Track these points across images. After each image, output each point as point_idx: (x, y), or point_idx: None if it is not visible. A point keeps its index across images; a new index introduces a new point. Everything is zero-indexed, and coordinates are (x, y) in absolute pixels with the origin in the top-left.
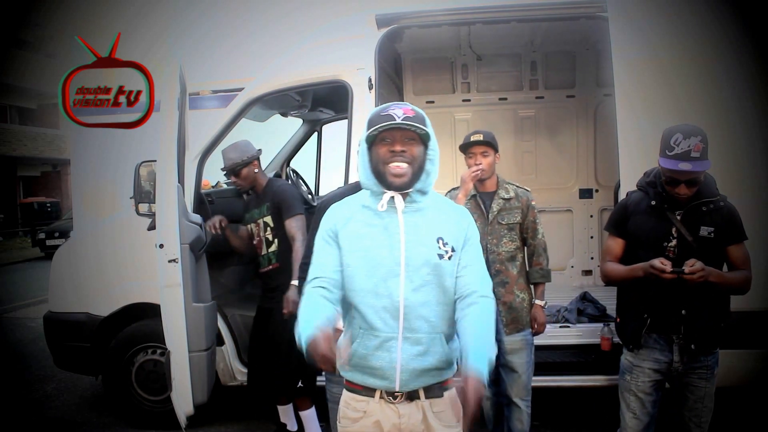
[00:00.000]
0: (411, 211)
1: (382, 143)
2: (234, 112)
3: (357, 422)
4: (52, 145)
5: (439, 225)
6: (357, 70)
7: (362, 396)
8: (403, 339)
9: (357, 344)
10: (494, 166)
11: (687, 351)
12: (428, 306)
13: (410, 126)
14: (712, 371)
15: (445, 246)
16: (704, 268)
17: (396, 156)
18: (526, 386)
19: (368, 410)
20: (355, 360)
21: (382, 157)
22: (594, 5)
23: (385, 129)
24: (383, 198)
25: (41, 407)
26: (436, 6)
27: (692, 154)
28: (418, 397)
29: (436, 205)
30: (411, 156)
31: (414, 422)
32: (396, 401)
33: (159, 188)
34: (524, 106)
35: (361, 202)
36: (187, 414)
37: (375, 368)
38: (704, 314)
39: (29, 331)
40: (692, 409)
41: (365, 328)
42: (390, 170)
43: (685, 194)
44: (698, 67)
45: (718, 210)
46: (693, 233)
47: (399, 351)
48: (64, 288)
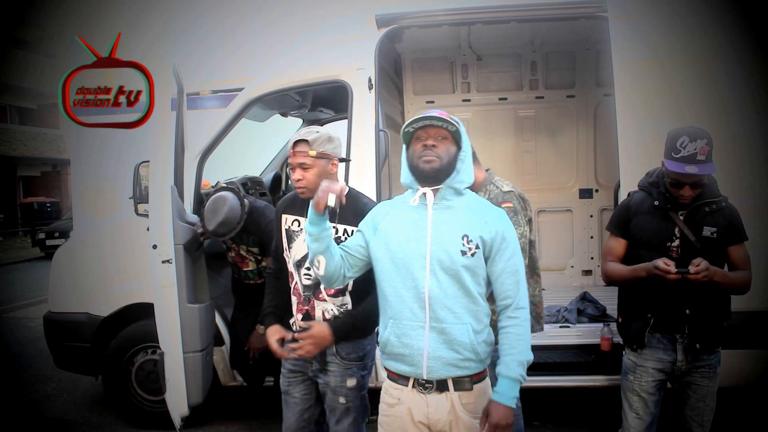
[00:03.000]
0: (441, 207)
1: (417, 141)
2: (234, 112)
3: (393, 407)
4: (52, 145)
5: (468, 223)
6: (357, 70)
7: (398, 384)
8: (429, 328)
9: (389, 332)
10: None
11: (691, 350)
12: (452, 298)
13: (440, 122)
14: (715, 370)
15: (469, 243)
16: (709, 267)
17: (427, 149)
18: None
19: (402, 398)
20: (388, 348)
21: (416, 152)
22: (594, 5)
23: (420, 127)
24: (416, 193)
25: (41, 407)
26: (436, 6)
27: (698, 156)
28: (448, 388)
29: (470, 206)
30: (442, 150)
31: (442, 412)
32: (427, 391)
33: (152, 189)
34: (524, 106)
35: (402, 200)
36: (181, 415)
37: (405, 355)
38: (708, 313)
39: (29, 331)
40: (694, 408)
41: (395, 318)
42: (422, 160)
43: (690, 196)
44: (698, 67)
45: (721, 210)
46: (696, 233)
47: (426, 339)
48: (64, 288)
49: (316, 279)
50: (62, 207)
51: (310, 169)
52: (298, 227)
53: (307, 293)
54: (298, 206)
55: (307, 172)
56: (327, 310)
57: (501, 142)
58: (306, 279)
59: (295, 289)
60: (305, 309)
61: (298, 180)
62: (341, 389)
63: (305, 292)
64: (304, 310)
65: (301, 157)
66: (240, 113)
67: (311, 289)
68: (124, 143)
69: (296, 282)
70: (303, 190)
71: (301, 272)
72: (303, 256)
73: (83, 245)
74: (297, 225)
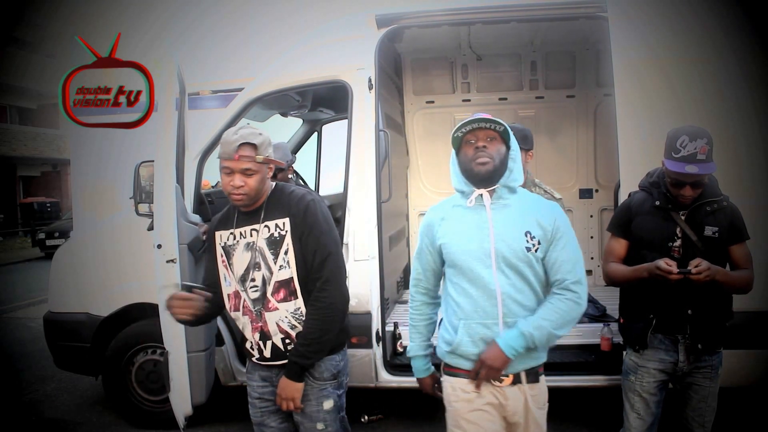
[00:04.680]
0: (499, 206)
1: (467, 145)
2: (234, 112)
3: (472, 403)
4: (52, 145)
5: (527, 219)
6: (357, 70)
7: (471, 379)
8: (503, 324)
9: (462, 334)
10: (524, 164)
11: (693, 351)
12: (522, 293)
13: (488, 124)
14: (716, 371)
15: (532, 239)
16: (710, 267)
17: (479, 151)
18: None
19: (480, 391)
20: (462, 349)
21: (469, 156)
22: (594, 5)
23: (468, 131)
24: (472, 195)
25: (41, 407)
26: (436, 6)
27: (698, 156)
28: (521, 381)
29: (524, 202)
30: (493, 151)
31: (517, 404)
32: (502, 384)
33: (157, 188)
34: (524, 106)
35: (452, 203)
36: (185, 414)
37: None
38: (710, 313)
39: (29, 331)
40: (696, 408)
41: (467, 319)
42: (475, 162)
43: (690, 196)
44: (698, 67)
45: (722, 210)
46: (698, 233)
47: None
48: (64, 288)
49: (262, 287)
50: (62, 207)
51: (254, 175)
52: (234, 240)
53: (257, 307)
54: (229, 218)
55: (250, 178)
56: (281, 320)
57: None
58: (253, 291)
59: (244, 309)
60: (259, 326)
61: (239, 187)
62: (318, 414)
63: (255, 307)
64: (259, 328)
65: (245, 162)
66: (240, 113)
67: (260, 301)
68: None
69: (243, 300)
70: (242, 198)
71: (247, 286)
72: (245, 268)
73: (83, 245)
74: (233, 238)
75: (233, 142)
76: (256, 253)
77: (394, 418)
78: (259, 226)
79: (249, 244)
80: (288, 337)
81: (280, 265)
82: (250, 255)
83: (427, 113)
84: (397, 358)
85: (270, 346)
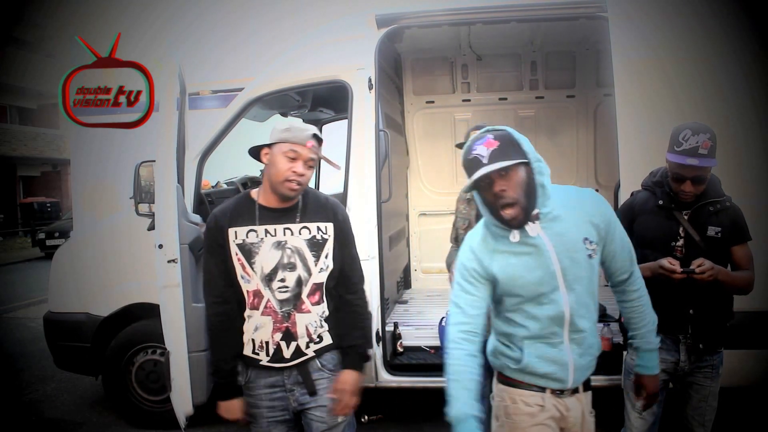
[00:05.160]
0: (548, 222)
1: (484, 190)
2: (234, 112)
3: (535, 417)
4: (52, 145)
5: (580, 224)
6: (357, 70)
7: (534, 392)
8: (570, 341)
9: (528, 355)
10: None
11: (694, 351)
12: (585, 305)
13: (497, 169)
14: (717, 370)
15: (591, 245)
16: (714, 267)
17: (501, 199)
18: None
19: (545, 404)
20: (530, 369)
21: (491, 203)
22: (594, 5)
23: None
24: (514, 234)
25: (41, 407)
26: (436, 6)
27: (700, 150)
28: (579, 390)
29: (567, 203)
30: (515, 191)
31: (577, 415)
32: (563, 396)
33: (158, 188)
34: (524, 106)
35: (492, 234)
36: (186, 414)
37: (550, 373)
38: (711, 313)
39: (29, 331)
40: (696, 408)
41: (532, 338)
42: (503, 212)
43: (691, 192)
44: (698, 67)
45: (725, 210)
46: (701, 233)
47: (569, 353)
48: (64, 288)
49: (296, 288)
50: (62, 207)
51: (312, 169)
52: (257, 238)
53: (286, 308)
54: (247, 214)
55: (309, 170)
56: (311, 323)
57: None
58: (282, 292)
59: (266, 309)
60: (284, 327)
61: (301, 174)
62: None
63: (283, 308)
64: (284, 329)
65: (314, 152)
66: (240, 113)
67: (290, 302)
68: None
69: (267, 300)
70: (297, 188)
71: (273, 286)
72: (273, 267)
73: (83, 245)
74: (255, 236)
75: (306, 130)
76: (290, 252)
77: (394, 418)
78: (295, 226)
79: (279, 243)
80: (312, 340)
81: (320, 267)
82: (280, 254)
83: (427, 113)
84: (397, 358)
85: (293, 348)
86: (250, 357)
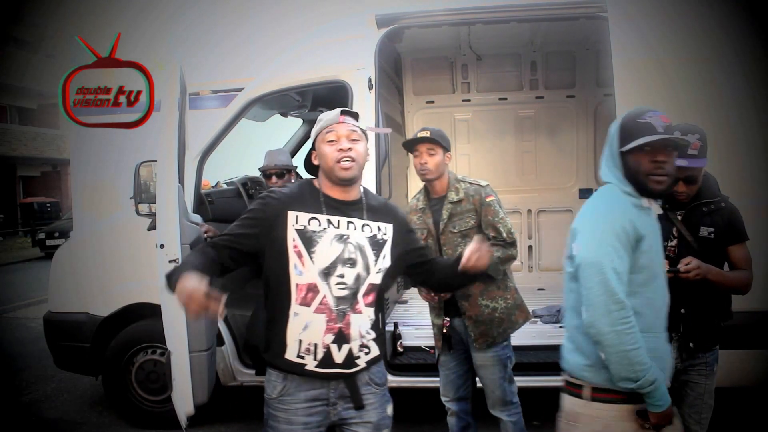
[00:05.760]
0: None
1: (642, 153)
2: (234, 112)
3: None
4: (52, 145)
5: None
6: (357, 70)
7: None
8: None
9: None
10: (443, 166)
11: (685, 349)
12: None
13: (678, 141)
14: (712, 368)
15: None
16: (701, 265)
17: (658, 168)
18: (503, 399)
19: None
20: None
21: (644, 168)
22: (594, 5)
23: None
24: (643, 200)
25: (41, 407)
26: (436, 6)
27: (690, 151)
28: None
29: None
30: (671, 167)
31: None
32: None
33: (159, 188)
34: (524, 106)
35: (628, 201)
36: (187, 414)
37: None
38: (703, 313)
39: (29, 331)
40: (692, 405)
41: (648, 331)
42: (652, 179)
43: (684, 192)
44: (698, 67)
45: (719, 210)
46: (693, 233)
47: (668, 346)
48: (64, 288)
49: (355, 284)
50: (62, 207)
51: (360, 142)
52: (319, 227)
53: (343, 306)
54: (310, 201)
55: (356, 144)
56: (362, 325)
57: (501, 142)
58: (340, 289)
59: (320, 306)
60: (337, 328)
61: (347, 150)
62: (384, 421)
63: (339, 306)
64: (336, 330)
65: (350, 124)
66: (240, 113)
67: (347, 300)
68: (124, 143)
69: (323, 296)
70: (351, 166)
71: (331, 282)
72: (332, 261)
73: (83, 245)
74: (317, 224)
75: (333, 111)
76: (351, 247)
77: (394, 418)
78: (358, 221)
79: (342, 237)
80: (362, 344)
81: (378, 268)
82: (342, 248)
83: (427, 113)
84: (397, 358)
85: (345, 352)
86: (293, 362)
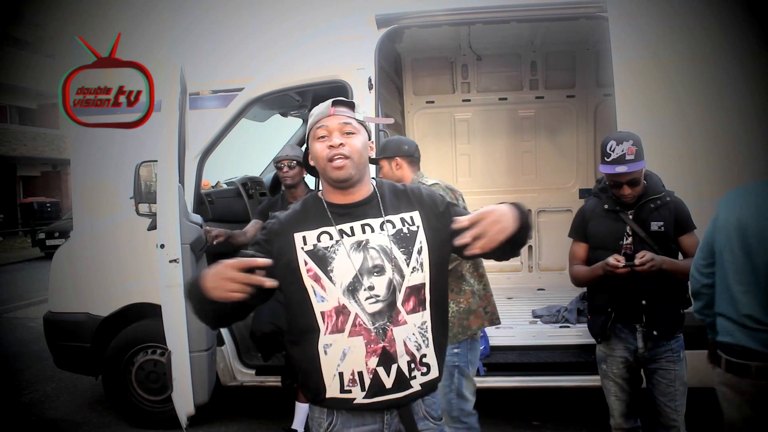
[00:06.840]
0: None
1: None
2: (234, 112)
3: None
4: (52, 145)
5: None
6: (357, 70)
7: None
8: None
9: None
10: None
11: (650, 337)
12: None
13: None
14: (679, 354)
15: None
16: (654, 257)
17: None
18: (448, 413)
19: None
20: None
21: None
22: (594, 5)
23: None
24: None
25: (41, 407)
26: (436, 6)
27: (627, 157)
28: None
29: None
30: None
31: None
32: None
33: (160, 188)
34: (524, 106)
35: None
36: (188, 414)
37: None
38: (663, 302)
39: (29, 331)
40: (666, 393)
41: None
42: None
43: (630, 194)
44: (698, 67)
45: (666, 205)
46: (645, 229)
47: None
48: (64, 288)
49: (389, 295)
50: (62, 207)
51: (356, 135)
52: (331, 240)
53: (380, 323)
54: (316, 214)
55: (351, 137)
56: (408, 337)
57: (501, 142)
58: (372, 303)
59: (355, 328)
60: (380, 348)
61: (339, 145)
62: None
63: (376, 324)
64: (379, 350)
65: (343, 116)
66: (240, 113)
67: (384, 313)
68: (124, 143)
69: (355, 316)
70: (344, 163)
71: (360, 298)
72: (354, 274)
73: (83, 245)
74: (328, 238)
75: (325, 103)
76: (373, 253)
77: None
78: (375, 221)
79: (360, 244)
80: (414, 360)
81: (413, 267)
82: (363, 257)
83: (427, 113)
84: None
85: (394, 372)
86: (339, 398)
